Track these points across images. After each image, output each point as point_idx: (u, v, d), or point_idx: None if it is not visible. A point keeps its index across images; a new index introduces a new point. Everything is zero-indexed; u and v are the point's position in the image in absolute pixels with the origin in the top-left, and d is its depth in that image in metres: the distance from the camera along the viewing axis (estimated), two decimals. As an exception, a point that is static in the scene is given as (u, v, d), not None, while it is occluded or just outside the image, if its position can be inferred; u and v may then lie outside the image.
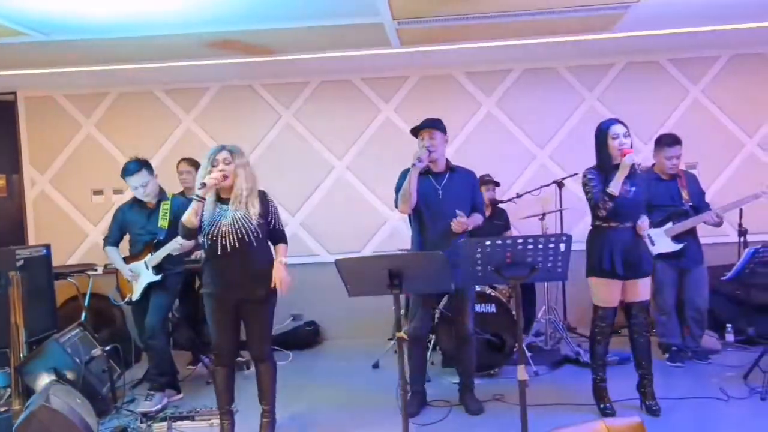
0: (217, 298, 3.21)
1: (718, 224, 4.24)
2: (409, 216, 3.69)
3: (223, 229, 3.13)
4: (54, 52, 4.48)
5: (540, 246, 2.64)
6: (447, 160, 3.71)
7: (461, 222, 3.49)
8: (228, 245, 3.12)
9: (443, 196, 3.59)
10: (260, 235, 3.17)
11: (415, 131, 3.64)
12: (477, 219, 3.66)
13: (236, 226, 3.13)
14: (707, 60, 5.52)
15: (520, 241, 2.64)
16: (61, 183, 5.72)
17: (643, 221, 3.37)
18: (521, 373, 2.71)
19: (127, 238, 4.19)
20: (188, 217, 3.10)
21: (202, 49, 4.56)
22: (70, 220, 5.70)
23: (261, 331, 3.30)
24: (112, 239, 4.14)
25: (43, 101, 5.68)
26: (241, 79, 5.61)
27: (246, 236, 3.13)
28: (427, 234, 3.59)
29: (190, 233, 3.18)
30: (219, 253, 3.13)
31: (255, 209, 3.15)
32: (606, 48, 5.21)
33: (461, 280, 2.97)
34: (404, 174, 3.59)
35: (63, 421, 2.92)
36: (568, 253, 2.68)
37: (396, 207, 3.65)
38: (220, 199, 3.20)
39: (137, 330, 4.20)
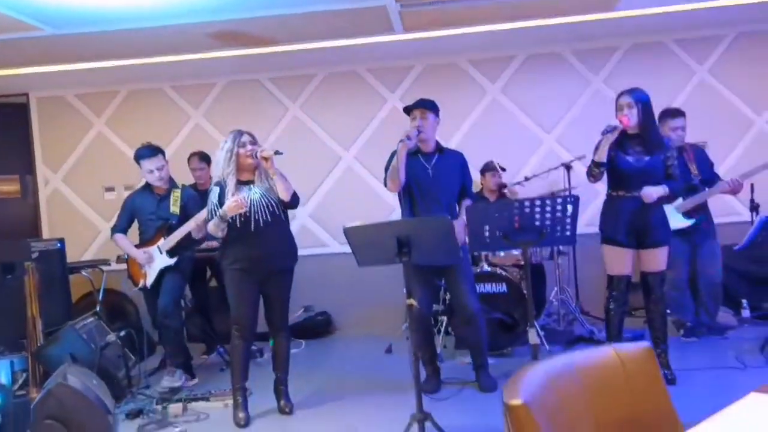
0: (246, 272, 3.29)
1: (737, 191, 4.15)
2: (400, 198, 3.67)
3: (255, 205, 3.25)
4: (64, 48, 4.56)
5: (548, 208, 2.65)
6: (437, 141, 3.71)
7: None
8: (261, 219, 3.26)
9: (434, 175, 3.58)
10: (282, 207, 3.36)
11: (408, 110, 3.64)
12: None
13: (266, 201, 3.28)
14: (713, 39, 5.50)
15: (527, 203, 2.65)
16: (74, 181, 5.81)
17: (646, 189, 3.31)
18: (532, 336, 2.72)
19: (135, 227, 4.23)
20: (214, 230, 3.27)
21: (207, 41, 4.62)
22: (83, 217, 5.79)
23: (285, 302, 3.47)
24: (121, 226, 4.18)
25: (54, 101, 5.79)
26: (247, 74, 5.68)
27: (276, 209, 3.31)
28: (419, 214, 3.57)
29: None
30: (252, 228, 3.24)
31: (273, 183, 3.33)
32: (610, 30, 5.21)
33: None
34: (394, 153, 3.57)
35: (80, 399, 2.94)
36: (575, 215, 2.69)
37: (385, 185, 3.63)
38: (240, 182, 3.31)
39: (150, 316, 4.23)
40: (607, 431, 1.31)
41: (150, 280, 4.04)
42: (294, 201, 3.37)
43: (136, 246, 4.14)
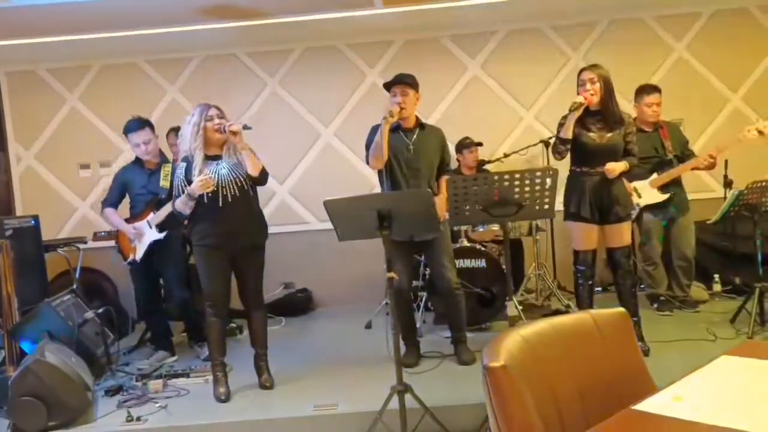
0: (215, 249, 3.25)
1: (711, 166, 4.23)
2: (380, 174, 3.64)
3: (223, 180, 3.19)
4: (33, 20, 4.43)
5: (527, 181, 2.66)
6: (417, 117, 3.70)
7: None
8: (229, 195, 3.20)
9: (415, 151, 3.57)
10: (250, 182, 3.28)
11: (388, 86, 3.60)
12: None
13: (234, 176, 3.22)
14: (690, 16, 5.55)
15: (507, 177, 2.67)
16: (47, 158, 5.69)
17: (610, 165, 3.33)
18: (511, 309, 2.76)
19: (126, 202, 4.18)
20: (182, 207, 3.20)
21: (187, 14, 4.51)
22: (58, 195, 5.69)
23: (258, 279, 3.41)
24: (111, 201, 4.12)
25: (25, 76, 5.64)
26: (224, 48, 5.58)
27: (244, 184, 3.24)
28: (400, 189, 3.54)
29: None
30: (220, 204, 3.19)
31: (241, 158, 3.24)
32: (589, 6, 5.23)
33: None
34: (374, 129, 3.56)
35: (58, 375, 2.94)
36: (554, 188, 2.72)
37: (367, 163, 3.61)
38: (208, 157, 3.24)
39: (137, 291, 4.20)
40: (584, 392, 1.34)
41: (139, 254, 4.00)
42: (263, 177, 3.29)
43: (126, 220, 4.10)
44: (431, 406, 2.79)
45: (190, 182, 3.17)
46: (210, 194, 3.17)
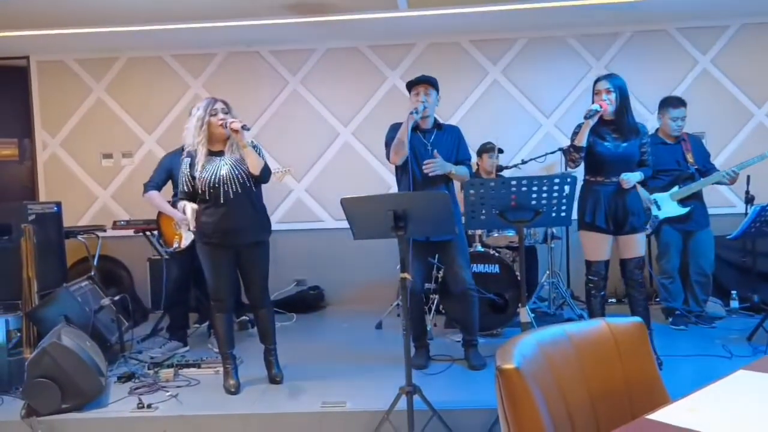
0: (218, 246, 3.25)
1: (733, 181, 4.21)
2: (398, 174, 3.65)
3: (224, 177, 3.18)
4: (67, 10, 4.52)
5: (545, 187, 2.66)
6: (435, 118, 3.71)
7: (434, 162, 3.45)
8: (231, 191, 3.19)
9: (433, 152, 3.56)
10: (253, 179, 3.26)
11: (410, 85, 3.63)
12: (461, 170, 3.59)
13: (236, 172, 3.21)
14: (716, 29, 5.49)
15: (525, 182, 2.66)
16: (72, 146, 5.79)
17: (626, 175, 3.33)
18: (523, 315, 2.75)
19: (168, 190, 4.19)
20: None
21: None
22: (80, 182, 5.78)
23: (262, 276, 3.39)
24: (155, 184, 4.09)
25: (54, 66, 5.74)
26: (247, 45, 5.63)
27: (247, 181, 3.23)
28: (417, 189, 3.55)
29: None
30: (222, 200, 3.19)
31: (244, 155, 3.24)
32: (614, 16, 5.20)
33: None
34: (393, 127, 3.59)
35: (73, 358, 2.99)
36: (572, 195, 2.71)
37: (387, 159, 3.62)
38: (211, 153, 3.24)
39: (172, 283, 4.20)
40: (597, 400, 1.34)
41: (185, 242, 3.98)
42: (265, 175, 3.26)
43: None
44: (439, 409, 2.79)
45: (194, 177, 3.18)
46: (212, 191, 3.17)
